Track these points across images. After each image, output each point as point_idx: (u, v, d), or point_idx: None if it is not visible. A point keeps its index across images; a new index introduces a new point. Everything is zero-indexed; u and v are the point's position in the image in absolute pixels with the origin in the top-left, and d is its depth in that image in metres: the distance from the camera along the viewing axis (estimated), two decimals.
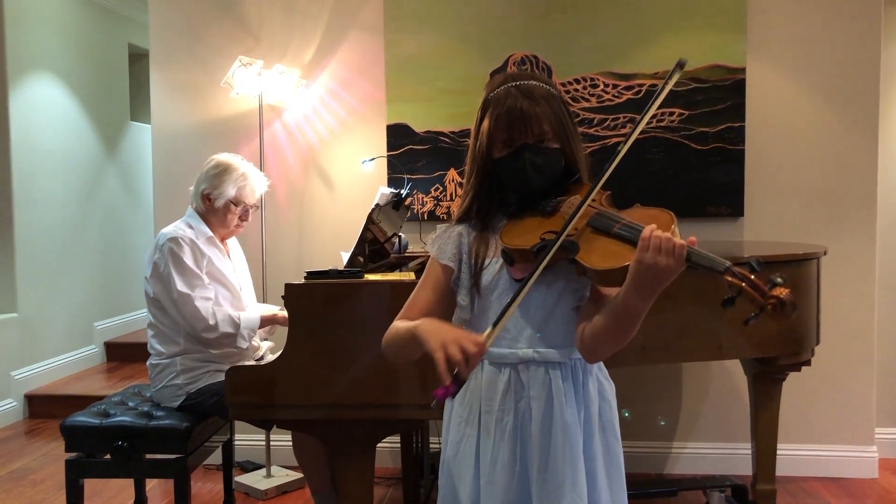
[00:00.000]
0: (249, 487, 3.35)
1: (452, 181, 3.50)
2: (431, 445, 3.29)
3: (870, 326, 3.43)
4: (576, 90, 3.43)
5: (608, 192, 1.43)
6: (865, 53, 3.34)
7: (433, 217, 3.52)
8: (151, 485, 3.38)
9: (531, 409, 1.43)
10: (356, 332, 2.18)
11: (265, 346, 2.93)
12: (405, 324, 1.40)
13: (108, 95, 5.66)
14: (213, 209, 2.78)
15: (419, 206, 3.52)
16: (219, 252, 2.80)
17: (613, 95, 3.41)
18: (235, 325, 2.67)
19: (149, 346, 2.76)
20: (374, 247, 2.67)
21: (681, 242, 1.21)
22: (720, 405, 3.51)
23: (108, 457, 2.52)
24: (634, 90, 3.40)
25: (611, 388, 1.52)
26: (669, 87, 1.33)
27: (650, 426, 3.54)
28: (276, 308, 2.91)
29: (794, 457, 3.44)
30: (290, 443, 2.87)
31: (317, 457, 2.76)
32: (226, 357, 2.70)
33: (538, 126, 1.42)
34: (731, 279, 1.18)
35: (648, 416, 3.54)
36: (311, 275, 2.26)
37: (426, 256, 1.62)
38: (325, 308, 2.20)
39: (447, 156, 3.49)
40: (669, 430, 3.55)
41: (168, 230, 2.72)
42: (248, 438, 3.60)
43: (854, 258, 3.40)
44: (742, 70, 3.34)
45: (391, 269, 2.71)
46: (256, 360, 2.85)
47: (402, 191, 2.88)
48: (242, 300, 2.84)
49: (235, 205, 2.79)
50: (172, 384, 2.67)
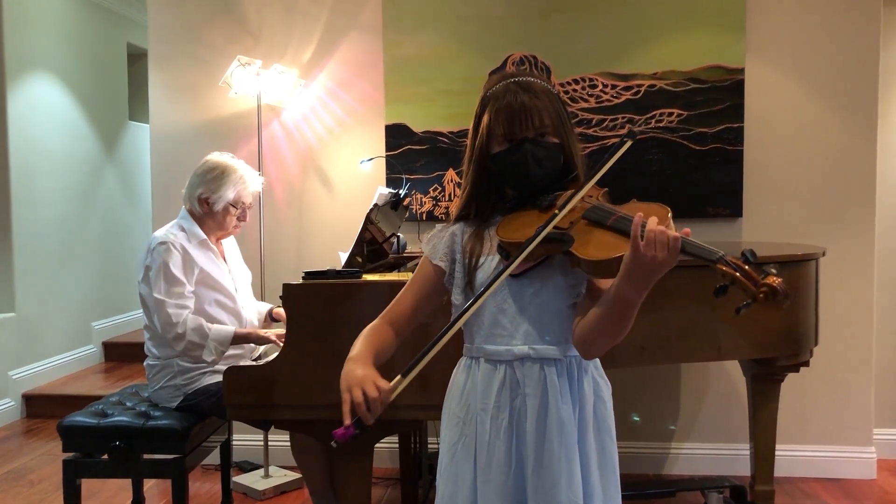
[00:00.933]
0: (247, 488, 3.34)
1: (451, 181, 3.50)
2: (430, 446, 3.29)
3: (868, 327, 3.43)
4: (575, 90, 3.43)
5: (605, 189, 1.43)
6: (864, 54, 3.34)
7: (432, 217, 3.51)
8: (149, 485, 3.37)
9: (527, 407, 1.43)
10: (355, 333, 2.16)
11: (263, 346, 2.93)
12: (357, 344, 1.46)
13: (107, 95, 5.65)
14: (212, 213, 2.76)
15: (418, 207, 3.52)
16: (212, 255, 2.78)
17: (612, 96, 3.41)
18: (203, 337, 2.61)
19: (145, 348, 2.75)
20: (373, 247, 2.66)
21: (675, 235, 1.21)
22: (719, 406, 3.51)
23: (106, 457, 2.52)
24: (633, 90, 3.40)
25: (607, 388, 1.52)
26: (617, 157, 1.36)
27: (649, 427, 3.54)
28: (257, 327, 2.89)
29: (793, 457, 3.44)
30: (289, 443, 2.86)
31: (315, 457, 2.76)
32: (224, 357, 2.70)
33: (538, 119, 1.42)
34: (725, 268, 1.19)
35: (647, 417, 3.53)
36: (310, 275, 2.26)
37: None
38: (324, 308, 2.19)
39: (446, 156, 3.49)
40: (668, 431, 3.55)
41: (160, 234, 2.70)
42: (247, 438, 3.60)
43: (853, 259, 3.40)
44: (741, 71, 3.34)
45: (390, 270, 2.71)
46: (254, 361, 2.84)
47: (401, 191, 2.88)
48: (238, 302, 2.83)
49: (235, 207, 2.78)
50: (170, 385, 2.66)
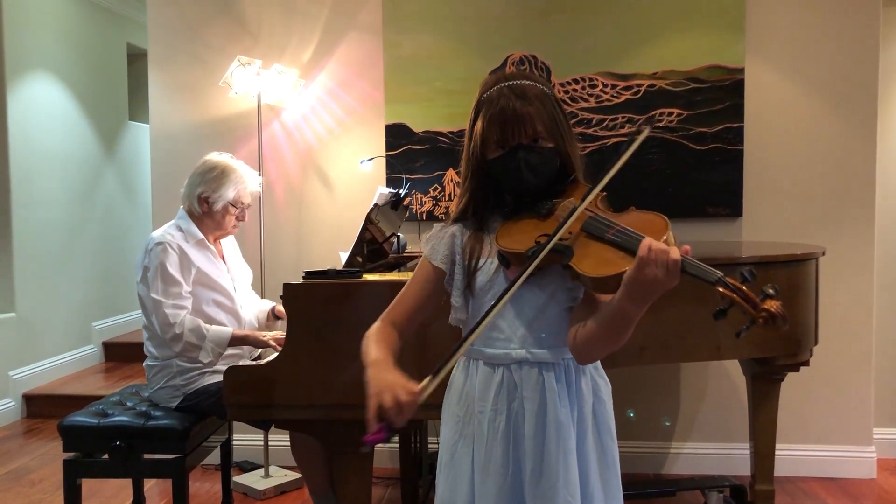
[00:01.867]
0: (248, 487, 3.34)
1: (451, 181, 3.50)
2: (430, 445, 3.29)
3: (868, 327, 3.43)
4: (574, 90, 3.43)
5: (604, 194, 1.42)
6: (864, 54, 3.34)
7: (432, 217, 3.52)
8: (149, 485, 3.37)
9: (524, 410, 1.43)
10: (354, 332, 2.16)
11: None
12: (370, 347, 1.43)
13: (107, 95, 5.65)
14: (211, 212, 2.76)
15: (418, 206, 3.52)
16: (210, 255, 2.78)
17: (612, 96, 3.41)
18: (201, 338, 2.62)
19: (145, 349, 2.75)
20: (373, 247, 2.67)
21: (675, 258, 1.20)
22: (718, 405, 3.51)
23: (107, 457, 2.52)
24: (633, 90, 3.40)
25: (606, 388, 1.52)
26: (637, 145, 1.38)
27: (649, 426, 3.54)
28: (256, 326, 2.89)
29: (793, 457, 3.44)
30: (289, 443, 2.87)
31: (315, 457, 2.76)
32: (223, 358, 2.70)
33: (531, 126, 1.41)
34: (723, 290, 1.18)
35: (647, 417, 3.53)
36: (310, 275, 2.26)
37: None
38: (324, 308, 2.20)
39: (446, 156, 3.49)
40: (668, 430, 3.55)
41: (157, 234, 2.70)
42: (247, 438, 3.60)
43: (852, 258, 3.40)
44: (741, 70, 3.35)
45: (390, 269, 2.71)
46: (254, 360, 2.84)
47: (401, 191, 2.88)
48: (236, 302, 2.83)
49: (234, 206, 2.78)
50: (170, 385, 2.66)
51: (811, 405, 3.47)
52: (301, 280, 2.25)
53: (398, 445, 3.21)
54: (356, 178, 3.58)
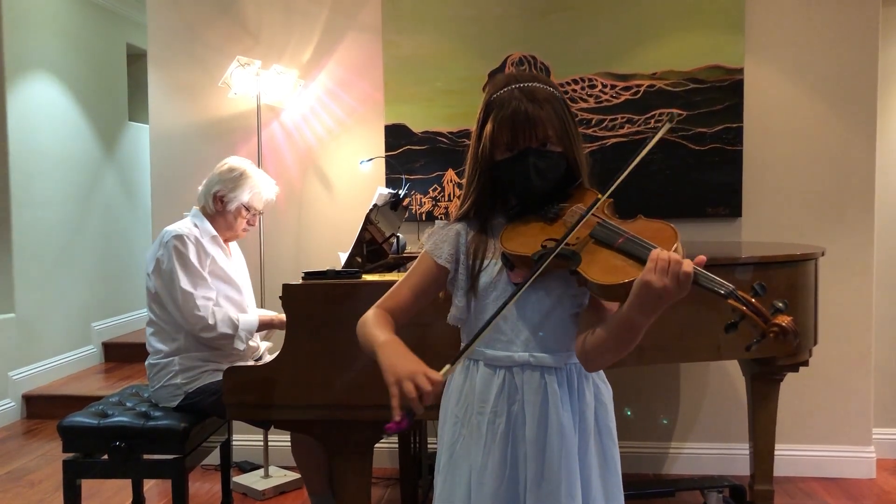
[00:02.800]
0: (247, 488, 3.35)
1: (450, 181, 3.50)
2: (429, 446, 3.29)
3: (867, 327, 3.43)
4: (574, 90, 3.43)
5: (611, 200, 1.41)
6: (863, 54, 3.34)
7: (431, 217, 3.51)
8: (149, 485, 3.38)
9: (524, 413, 1.42)
10: (354, 333, 2.17)
11: (263, 347, 2.93)
12: (373, 330, 1.41)
13: (107, 95, 5.65)
14: (224, 212, 2.80)
15: (417, 207, 3.52)
16: (222, 252, 2.82)
17: (611, 96, 3.41)
18: (234, 327, 2.69)
19: (147, 345, 2.76)
20: (372, 247, 2.66)
21: (687, 271, 1.20)
22: (718, 405, 3.52)
23: (106, 457, 2.52)
24: (632, 90, 3.40)
25: (607, 391, 1.51)
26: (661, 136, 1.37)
27: (648, 426, 3.54)
28: (274, 312, 2.91)
29: (792, 457, 3.44)
30: (289, 443, 2.87)
31: (315, 457, 2.76)
32: (224, 357, 2.71)
33: (542, 130, 1.40)
34: (735, 303, 1.18)
35: (647, 417, 3.54)
36: (309, 275, 2.26)
37: None
38: (324, 308, 2.20)
39: (445, 156, 3.49)
40: (667, 430, 3.55)
41: (173, 228, 2.72)
42: (246, 439, 3.60)
43: (852, 259, 3.40)
44: (740, 70, 3.35)
45: (389, 270, 2.71)
46: (255, 360, 2.85)
47: (401, 191, 2.88)
48: (245, 298, 2.86)
49: (247, 209, 2.83)
50: (171, 384, 2.67)
51: (811, 405, 3.47)
52: (300, 280, 2.25)
53: (398, 446, 3.21)
54: (356, 179, 3.58)
